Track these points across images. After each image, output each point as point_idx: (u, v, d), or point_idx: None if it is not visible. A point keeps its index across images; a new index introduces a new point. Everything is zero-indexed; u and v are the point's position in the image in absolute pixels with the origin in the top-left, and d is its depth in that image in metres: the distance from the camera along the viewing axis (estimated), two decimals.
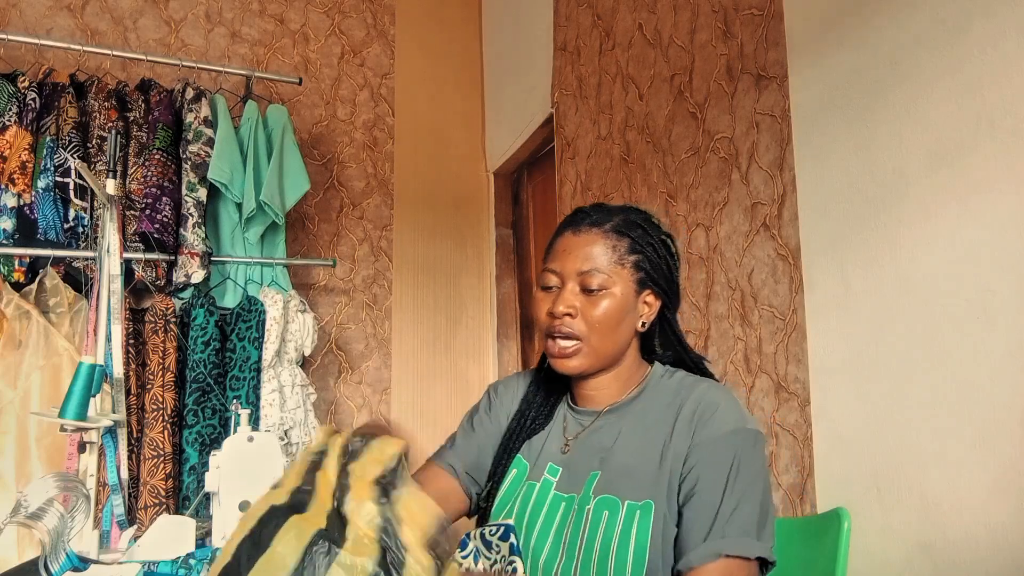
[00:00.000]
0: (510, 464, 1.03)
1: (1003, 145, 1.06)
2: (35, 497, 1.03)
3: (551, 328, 0.96)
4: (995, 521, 1.05)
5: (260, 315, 2.41)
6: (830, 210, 1.39)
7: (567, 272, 0.96)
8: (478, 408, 1.12)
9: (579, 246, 0.96)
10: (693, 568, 0.83)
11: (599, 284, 0.94)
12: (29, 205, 2.25)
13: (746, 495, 0.85)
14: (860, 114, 1.33)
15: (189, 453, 2.23)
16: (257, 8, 3.11)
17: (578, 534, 0.91)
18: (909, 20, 1.23)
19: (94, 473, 1.43)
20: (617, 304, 0.95)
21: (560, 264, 0.97)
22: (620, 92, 2.25)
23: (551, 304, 0.96)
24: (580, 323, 0.94)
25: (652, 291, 0.99)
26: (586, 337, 0.95)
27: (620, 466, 0.93)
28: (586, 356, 0.96)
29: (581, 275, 0.95)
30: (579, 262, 0.95)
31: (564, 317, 0.94)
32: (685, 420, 0.92)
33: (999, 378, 1.06)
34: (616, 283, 0.95)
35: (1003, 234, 1.06)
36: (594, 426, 0.99)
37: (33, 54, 2.59)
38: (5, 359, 2.11)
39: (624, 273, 0.96)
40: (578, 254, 0.95)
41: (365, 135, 3.26)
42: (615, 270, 0.95)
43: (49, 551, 0.99)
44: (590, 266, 0.94)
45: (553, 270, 0.97)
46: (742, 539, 0.83)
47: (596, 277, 0.94)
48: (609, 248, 0.96)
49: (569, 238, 0.98)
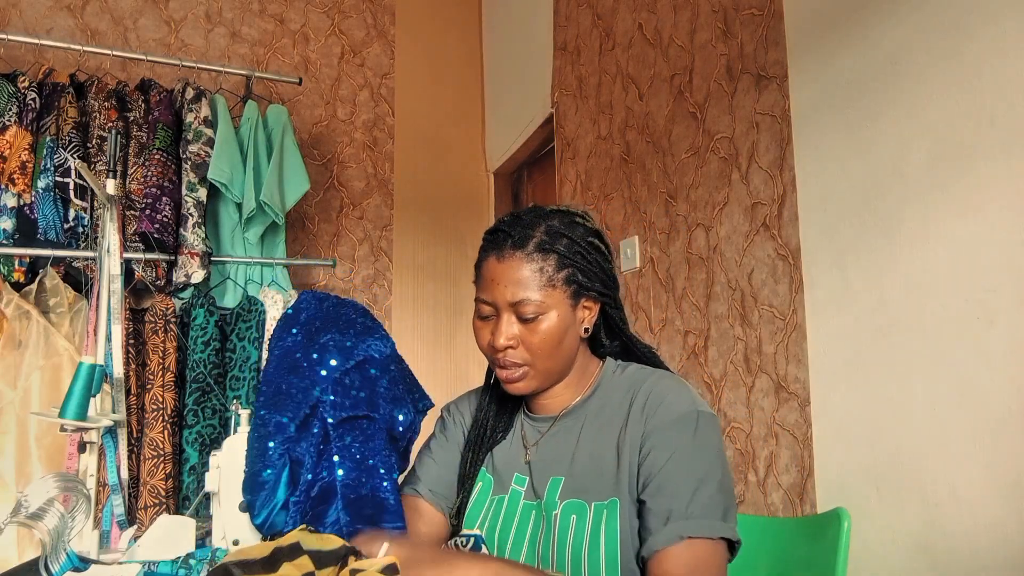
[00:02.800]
0: (476, 478, 1.03)
1: (1003, 145, 1.06)
2: (35, 497, 1.03)
3: (495, 359, 0.96)
4: (995, 521, 1.05)
5: (260, 315, 2.41)
6: (830, 210, 1.39)
7: (500, 303, 0.93)
8: (434, 433, 1.13)
9: (506, 273, 0.93)
10: (656, 552, 0.82)
11: (534, 312, 0.92)
12: (29, 205, 2.25)
13: (705, 477, 0.85)
14: (860, 114, 1.33)
15: (189, 453, 2.23)
16: (257, 8, 3.11)
17: (549, 542, 0.91)
18: (909, 20, 1.23)
19: (94, 473, 1.42)
20: (555, 325, 0.93)
21: (490, 295, 0.94)
22: (620, 92, 2.25)
23: (490, 336, 0.95)
24: (522, 352, 0.94)
25: (589, 297, 0.98)
26: (531, 363, 0.95)
27: (582, 468, 0.94)
28: (534, 378, 0.96)
29: (514, 306, 0.92)
30: (509, 292, 0.92)
31: (506, 350, 0.94)
32: (637, 411, 0.92)
33: (999, 378, 1.06)
34: (551, 306, 0.93)
35: (1003, 234, 1.06)
36: (552, 431, 1.00)
37: (33, 54, 2.59)
38: (5, 359, 2.11)
39: (556, 293, 0.93)
40: (507, 283, 0.92)
41: (365, 135, 3.26)
42: (547, 293, 0.93)
43: (49, 551, 0.99)
44: (522, 295, 0.92)
45: (485, 300, 0.95)
46: (704, 520, 0.82)
47: (529, 306, 0.92)
48: (536, 271, 0.92)
49: (494, 265, 0.94)
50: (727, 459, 0.92)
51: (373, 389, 0.95)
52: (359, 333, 0.96)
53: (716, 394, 1.72)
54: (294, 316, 0.98)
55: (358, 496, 0.91)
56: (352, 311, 1.00)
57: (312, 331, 0.95)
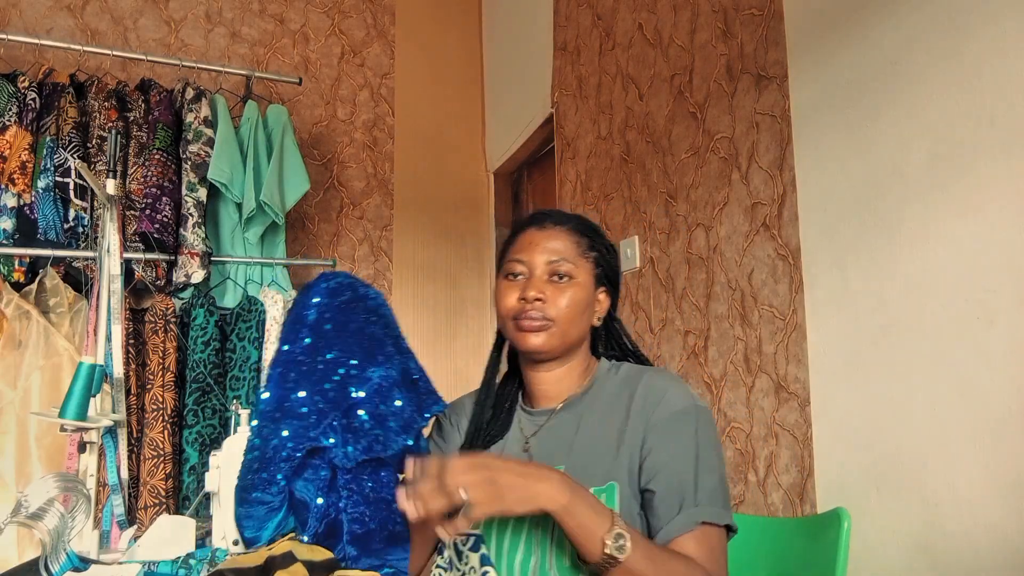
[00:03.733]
0: None
1: (1003, 145, 1.06)
2: (35, 497, 1.03)
3: (520, 312, 1.01)
4: (995, 521, 1.05)
5: (260, 315, 2.41)
6: (830, 210, 1.39)
7: (535, 262, 1.02)
8: (431, 436, 1.16)
9: (545, 239, 1.03)
10: (674, 538, 0.87)
11: (567, 271, 1.01)
12: (29, 205, 2.25)
13: (708, 468, 0.91)
14: (860, 114, 1.33)
15: (189, 453, 2.23)
16: (257, 8, 3.11)
17: (548, 529, 0.93)
18: (909, 20, 1.23)
19: (94, 473, 1.43)
20: (582, 293, 1.02)
21: (528, 255, 1.03)
22: (620, 92, 2.25)
23: (520, 290, 1.01)
24: (550, 307, 1.00)
25: (605, 289, 1.07)
26: (555, 320, 1.00)
27: (581, 456, 0.98)
28: (553, 336, 1.00)
29: (550, 264, 1.01)
30: (547, 253, 1.02)
31: (535, 302, 0.99)
32: (638, 404, 0.97)
33: (999, 378, 1.06)
34: (580, 273, 1.02)
35: (1003, 234, 1.06)
36: (549, 424, 1.04)
37: (33, 54, 2.59)
38: (5, 359, 2.11)
39: (586, 265, 1.03)
40: (545, 246, 1.02)
41: (365, 135, 3.26)
42: (579, 261, 1.03)
43: (49, 551, 0.99)
44: (558, 256, 1.02)
45: (520, 259, 1.03)
46: (712, 507, 0.89)
47: (564, 265, 1.01)
48: (573, 243, 1.03)
49: (535, 233, 1.04)
50: (722, 451, 0.98)
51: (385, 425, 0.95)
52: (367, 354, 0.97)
53: (716, 394, 1.72)
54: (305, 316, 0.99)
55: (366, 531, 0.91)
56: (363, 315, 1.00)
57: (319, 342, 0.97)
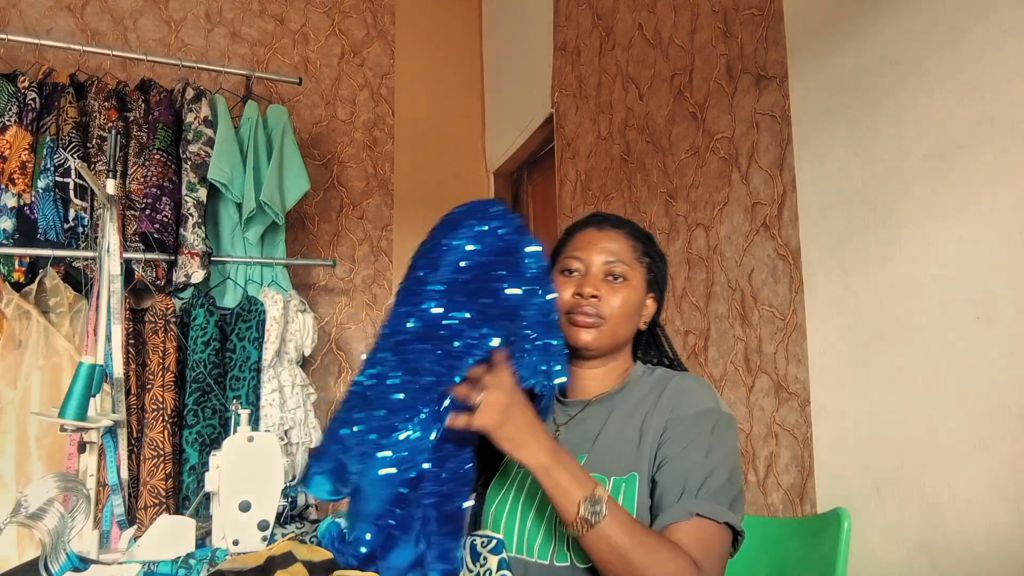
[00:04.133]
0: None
1: (1003, 145, 1.06)
2: (35, 497, 1.03)
3: (575, 307, 1.04)
4: (995, 521, 1.05)
5: (260, 315, 2.41)
6: (830, 210, 1.39)
7: (592, 260, 1.05)
8: None
9: (603, 240, 1.07)
10: (667, 525, 0.89)
11: (622, 272, 1.04)
12: (29, 205, 2.25)
13: (718, 467, 0.92)
14: (860, 114, 1.33)
15: (189, 453, 2.23)
16: (257, 8, 3.11)
17: None
18: (909, 20, 1.23)
19: (94, 473, 1.42)
20: (634, 295, 1.05)
21: (586, 253, 1.06)
22: (620, 92, 2.25)
23: (576, 287, 1.04)
24: (604, 305, 1.03)
25: (653, 295, 1.10)
26: (607, 318, 1.03)
27: (606, 448, 1.00)
28: (603, 334, 1.03)
29: (607, 264, 1.05)
30: (605, 253, 1.05)
31: (591, 298, 1.03)
32: (664, 400, 1.00)
33: (999, 378, 1.06)
34: (634, 276, 1.06)
35: (1003, 234, 1.06)
36: (581, 415, 1.07)
37: (33, 54, 2.59)
38: (5, 359, 2.11)
39: (640, 269, 1.07)
40: (603, 246, 1.06)
41: (365, 135, 3.26)
42: (633, 264, 1.06)
43: (49, 551, 0.99)
44: (615, 257, 1.05)
45: (578, 257, 1.06)
46: (713, 504, 0.89)
47: (619, 266, 1.05)
48: (629, 246, 1.07)
49: (593, 233, 1.08)
50: (740, 460, 0.98)
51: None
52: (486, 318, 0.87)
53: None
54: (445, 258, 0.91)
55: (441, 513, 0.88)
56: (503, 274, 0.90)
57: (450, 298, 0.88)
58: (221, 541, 1.20)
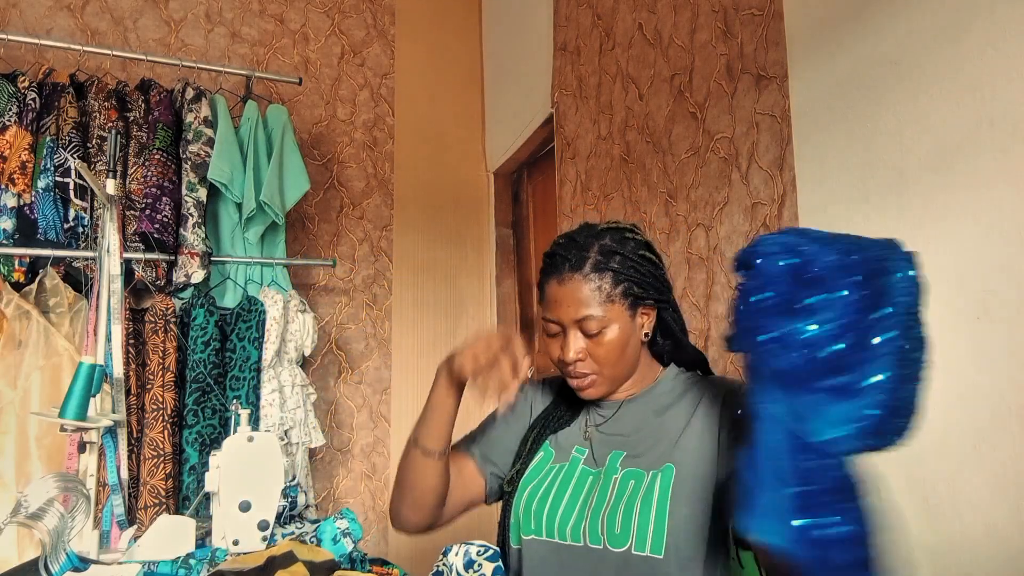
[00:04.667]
0: (538, 449, 1.11)
1: (1003, 145, 1.06)
2: (35, 497, 1.03)
3: (565, 372, 1.05)
4: (995, 521, 1.05)
5: (260, 315, 2.41)
6: (830, 210, 1.39)
7: (565, 321, 1.02)
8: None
9: (567, 294, 1.01)
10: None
11: (597, 327, 1.00)
12: (29, 205, 2.25)
13: None
14: (860, 114, 1.33)
15: (189, 453, 2.23)
16: (257, 8, 3.11)
17: (603, 502, 0.98)
18: (909, 20, 1.23)
19: (94, 473, 1.43)
20: (618, 336, 1.01)
21: (556, 314, 1.03)
22: (620, 92, 2.25)
23: (559, 351, 1.04)
24: (591, 363, 1.02)
25: (642, 309, 1.06)
26: (599, 371, 1.03)
27: (642, 443, 1.02)
28: (602, 384, 1.04)
29: (578, 322, 1.01)
30: (572, 311, 1.00)
31: (575, 363, 1.02)
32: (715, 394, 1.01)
33: (999, 378, 1.06)
34: (612, 319, 1.01)
35: (1003, 234, 1.06)
36: (617, 415, 1.08)
37: (33, 54, 2.59)
38: (5, 359, 2.11)
39: (616, 307, 1.01)
40: (569, 303, 1.01)
41: (365, 135, 3.26)
42: (607, 308, 1.00)
43: (49, 551, 0.99)
44: (584, 313, 1.00)
45: (551, 320, 1.04)
46: None
47: (592, 321, 1.00)
48: (595, 290, 1.00)
49: (556, 288, 1.03)
50: None
51: None
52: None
53: None
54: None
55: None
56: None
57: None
58: (221, 541, 1.21)
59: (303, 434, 2.46)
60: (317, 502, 2.87)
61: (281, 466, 1.26)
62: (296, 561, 0.80)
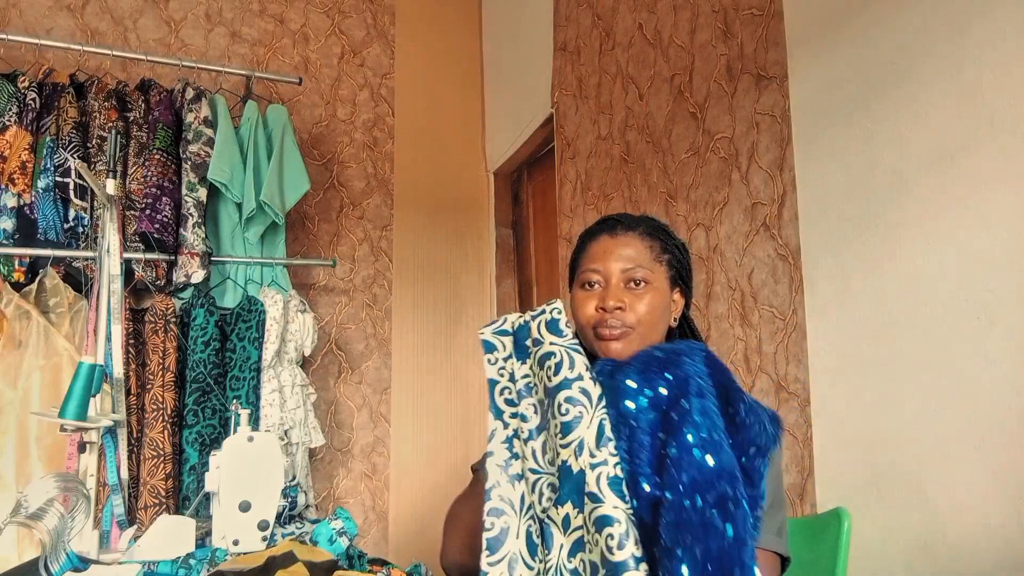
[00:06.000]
0: None
1: (1003, 145, 1.06)
2: (35, 497, 1.03)
3: (600, 322, 1.01)
4: (995, 521, 1.05)
5: (260, 315, 2.41)
6: (830, 210, 1.39)
7: (611, 270, 1.02)
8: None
9: (618, 247, 1.03)
10: None
11: (643, 277, 1.01)
12: (29, 205, 2.25)
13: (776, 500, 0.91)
14: (860, 114, 1.33)
15: (189, 453, 2.23)
16: (257, 8, 3.11)
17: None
18: (909, 20, 1.23)
19: (94, 473, 1.43)
20: (659, 297, 1.02)
21: (603, 263, 1.03)
22: (620, 92, 2.25)
23: (599, 300, 1.01)
24: (630, 315, 1.00)
25: (679, 289, 1.07)
26: (634, 326, 1.00)
27: None
28: (632, 342, 1.00)
29: (626, 271, 1.01)
30: (622, 261, 1.02)
31: (615, 311, 1.00)
32: None
33: (999, 378, 1.06)
34: (656, 278, 1.02)
35: (1003, 234, 1.06)
36: None
37: (33, 54, 2.59)
38: (5, 359, 2.11)
39: (661, 270, 1.04)
40: (619, 254, 1.03)
41: (365, 135, 3.26)
42: (654, 266, 1.03)
43: (49, 551, 0.99)
44: (634, 263, 1.02)
45: (596, 269, 1.03)
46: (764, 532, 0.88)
47: (640, 272, 1.01)
48: (646, 248, 1.03)
49: (607, 241, 1.05)
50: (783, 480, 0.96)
51: None
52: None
53: None
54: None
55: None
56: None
57: None
58: (221, 541, 1.21)
59: (303, 434, 2.46)
60: (317, 502, 2.87)
61: (281, 466, 1.26)
62: (296, 561, 0.80)
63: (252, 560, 0.80)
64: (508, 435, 0.89)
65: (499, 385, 0.92)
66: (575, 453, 0.83)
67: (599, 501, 0.79)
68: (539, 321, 0.93)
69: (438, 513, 1.18)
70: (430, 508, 3.05)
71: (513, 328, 0.96)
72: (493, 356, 0.95)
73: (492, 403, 0.92)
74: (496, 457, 0.87)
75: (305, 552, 0.83)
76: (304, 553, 0.83)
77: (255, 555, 0.82)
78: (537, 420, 0.89)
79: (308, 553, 0.84)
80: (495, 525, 0.84)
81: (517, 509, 0.85)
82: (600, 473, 0.80)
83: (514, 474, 0.87)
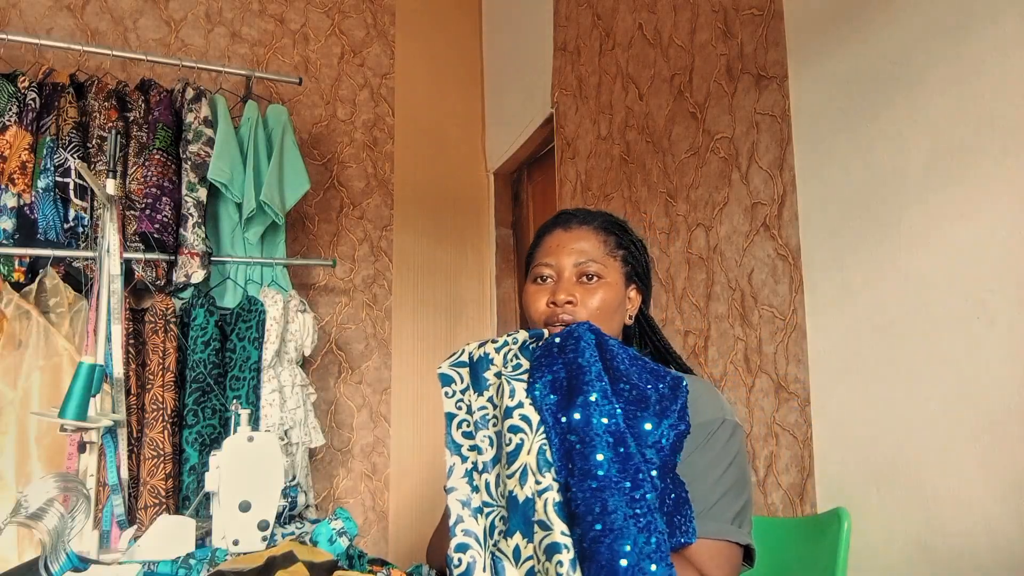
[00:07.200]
0: None
1: (1003, 145, 1.06)
2: (35, 497, 1.03)
3: (551, 317, 0.99)
4: (995, 521, 1.05)
5: (260, 315, 2.41)
6: (830, 210, 1.39)
7: (563, 264, 1.01)
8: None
9: (572, 241, 1.02)
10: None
11: (595, 272, 1.00)
12: (29, 205, 2.25)
13: (719, 481, 0.90)
14: (860, 114, 1.33)
15: (189, 453, 2.23)
16: (257, 8, 3.11)
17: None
18: (909, 20, 1.23)
19: (94, 473, 1.42)
20: (612, 293, 1.00)
21: (555, 258, 1.02)
22: (620, 92, 2.25)
23: (549, 294, 1.00)
24: (581, 310, 0.99)
25: (635, 286, 1.06)
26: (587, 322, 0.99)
27: None
28: None
29: (578, 266, 1.00)
30: (575, 255, 1.01)
31: (566, 305, 0.98)
32: None
33: (999, 378, 1.06)
34: (609, 273, 1.01)
35: (1003, 234, 1.06)
36: None
37: (33, 54, 2.59)
38: (5, 359, 2.11)
39: (615, 264, 1.02)
40: (572, 248, 1.01)
41: (365, 135, 3.26)
42: (607, 261, 1.01)
43: (49, 551, 0.99)
44: (586, 257, 1.01)
45: (548, 263, 1.02)
46: (720, 523, 0.88)
47: (592, 266, 1.00)
48: (600, 242, 1.02)
49: (560, 235, 1.04)
50: (749, 468, 0.95)
51: None
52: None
53: None
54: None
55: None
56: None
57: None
58: (221, 541, 1.20)
59: (303, 434, 2.46)
60: (317, 502, 2.87)
61: (281, 466, 1.26)
62: (296, 561, 0.80)
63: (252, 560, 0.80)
64: (467, 468, 0.88)
65: (456, 418, 0.90)
66: (519, 482, 0.82)
67: (548, 528, 0.79)
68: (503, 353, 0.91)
69: (438, 513, 1.18)
70: (430, 508, 3.05)
71: (472, 359, 0.93)
72: (451, 389, 0.92)
73: (449, 437, 0.89)
74: (458, 492, 0.86)
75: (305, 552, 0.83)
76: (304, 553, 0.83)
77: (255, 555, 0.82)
78: (492, 452, 0.87)
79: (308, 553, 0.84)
80: (463, 561, 0.83)
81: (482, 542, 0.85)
82: (547, 499, 0.80)
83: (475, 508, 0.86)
